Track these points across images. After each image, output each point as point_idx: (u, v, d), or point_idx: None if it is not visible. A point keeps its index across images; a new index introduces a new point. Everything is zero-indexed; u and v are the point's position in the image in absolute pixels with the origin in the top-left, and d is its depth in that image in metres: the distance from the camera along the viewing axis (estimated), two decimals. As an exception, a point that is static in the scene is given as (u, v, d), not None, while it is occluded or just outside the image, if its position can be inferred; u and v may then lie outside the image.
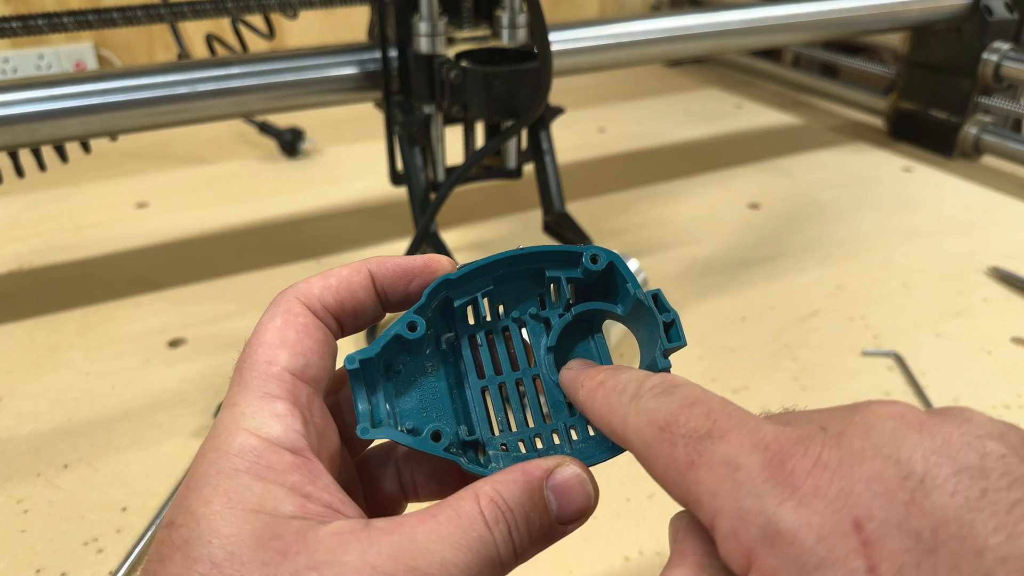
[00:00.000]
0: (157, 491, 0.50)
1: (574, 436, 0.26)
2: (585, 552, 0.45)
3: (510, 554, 0.22)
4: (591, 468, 0.24)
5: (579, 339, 0.28)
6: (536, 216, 0.75)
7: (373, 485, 0.28)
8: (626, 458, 0.23)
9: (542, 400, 0.27)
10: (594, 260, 0.27)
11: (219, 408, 0.24)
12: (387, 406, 0.25)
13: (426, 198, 0.69)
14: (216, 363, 0.62)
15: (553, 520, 0.23)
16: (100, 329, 0.67)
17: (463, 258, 0.75)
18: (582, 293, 0.28)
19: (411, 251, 0.67)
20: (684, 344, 0.25)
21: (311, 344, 0.24)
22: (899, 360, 0.62)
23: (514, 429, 0.26)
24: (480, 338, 0.27)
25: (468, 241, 0.82)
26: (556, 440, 0.26)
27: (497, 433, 0.26)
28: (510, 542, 0.22)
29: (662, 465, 0.20)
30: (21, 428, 0.55)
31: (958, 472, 0.16)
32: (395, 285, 0.26)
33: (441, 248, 0.67)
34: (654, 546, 0.46)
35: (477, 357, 0.27)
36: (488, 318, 0.28)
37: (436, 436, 0.24)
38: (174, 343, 0.65)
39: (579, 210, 0.78)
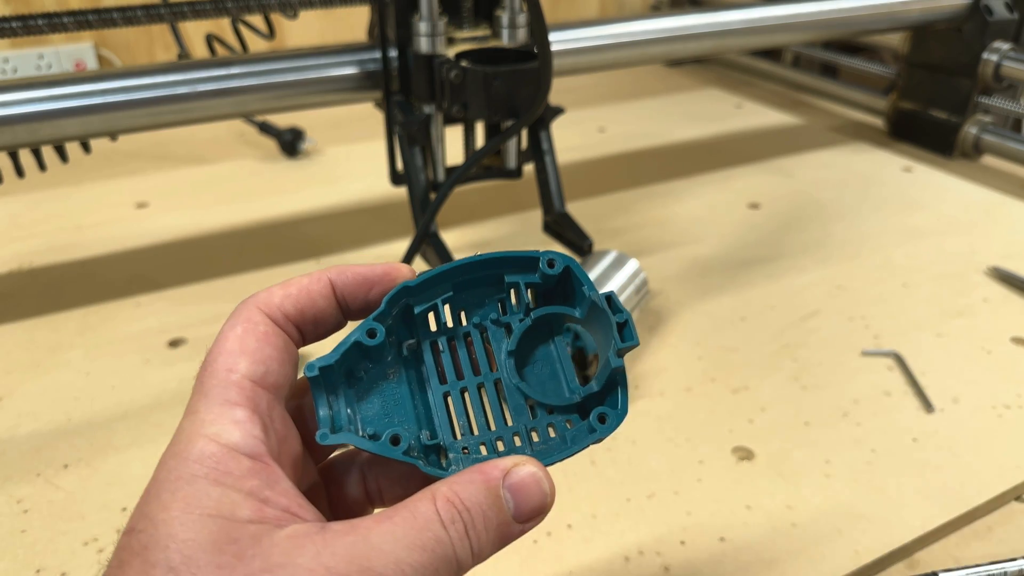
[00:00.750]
0: (157, 491, 0.50)
1: (535, 438, 0.27)
2: (585, 552, 0.45)
3: (467, 553, 0.22)
4: (550, 467, 0.25)
5: (540, 342, 0.28)
6: (536, 216, 0.75)
7: (339, 491, 0.28)
8: (626, 457, 0.23)
9: (504, 404, 0.27)
10: (551, 264, 0.27)
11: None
12: (348, 412, 0.25)
13: (426, 198, 0.69)
14: (216, 363, 0.62)
15: (510, 519, 0.23)
16: (100, 329, 0.67)
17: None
18: (542, 297, 0.28)
19: (411, 251, 0.67)
20: (637, 343, 0.26)
21: (271, 352, 0.25)
22: (899, 360, 0.62)
23: (476, 433, 0.27)
24: (442, 344, 0.28)
25: (468, 241, 0.82)
26: (517, 442, 0.27)
27: (459, 437, 0.27)
28: (466, 541, 0.22)
29: None
30: (21, 428, 0.55)
31: None
32: (355, 293, 0.27)
33: (441, 248, 0.67)
34: (654, 546, 0.46)
35: (439, 362, 0.28)
36: (449, 324, 0.28)
37: (395, 440, 0.25)
38: (174, 343, 0.65)
39: (579, 210, 0.78)
